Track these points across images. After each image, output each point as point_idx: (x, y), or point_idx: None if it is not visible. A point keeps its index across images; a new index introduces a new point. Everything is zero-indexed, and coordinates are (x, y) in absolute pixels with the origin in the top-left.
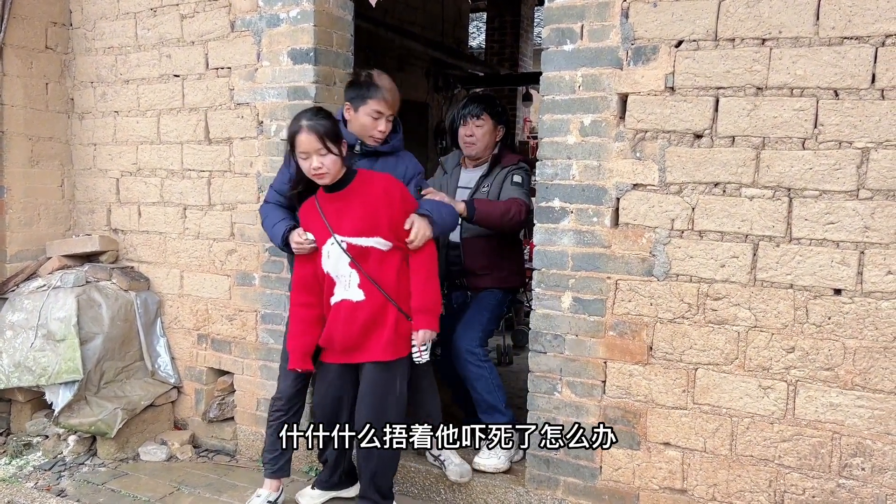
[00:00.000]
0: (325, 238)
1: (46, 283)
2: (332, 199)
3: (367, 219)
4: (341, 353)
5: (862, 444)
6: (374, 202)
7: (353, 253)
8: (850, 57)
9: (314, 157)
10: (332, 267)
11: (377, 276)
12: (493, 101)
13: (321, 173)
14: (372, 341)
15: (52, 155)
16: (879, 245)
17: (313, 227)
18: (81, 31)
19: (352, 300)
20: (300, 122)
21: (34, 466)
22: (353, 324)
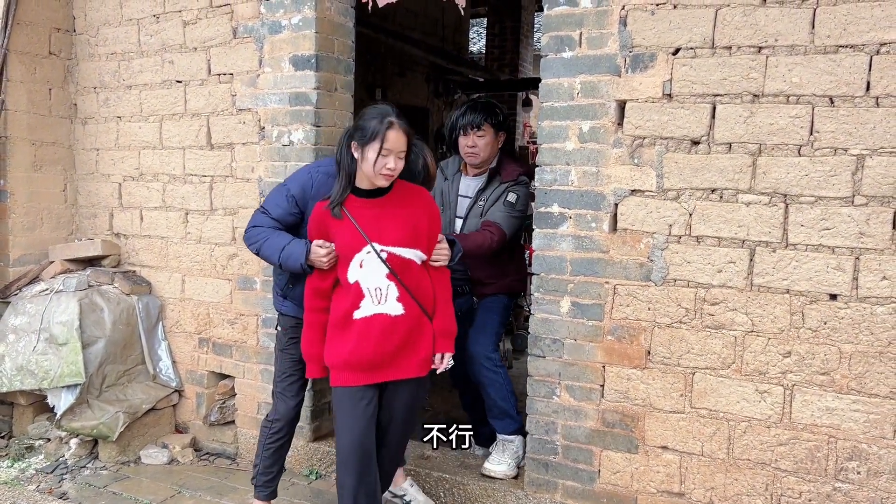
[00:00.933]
0: (359, 247)
1: (49, 287)
2: (368, 206)
3: (410, 229)
4: (367, 372)
5: (857, 448)
6: (418, 213)
7: (393, 264)
8: (845, 65)
9: (394, 158)
10: (365, 278)
11: (416, 290)
12: (493, 110)
13: (390, 175)
14: (408, 358)
15: (55, 160)
16: (874, 251)
17: (339, 236)
18: (85, 36)
19: (389, 314)
20: (391, 118)
21: (36, 469)
22: (391, 340)
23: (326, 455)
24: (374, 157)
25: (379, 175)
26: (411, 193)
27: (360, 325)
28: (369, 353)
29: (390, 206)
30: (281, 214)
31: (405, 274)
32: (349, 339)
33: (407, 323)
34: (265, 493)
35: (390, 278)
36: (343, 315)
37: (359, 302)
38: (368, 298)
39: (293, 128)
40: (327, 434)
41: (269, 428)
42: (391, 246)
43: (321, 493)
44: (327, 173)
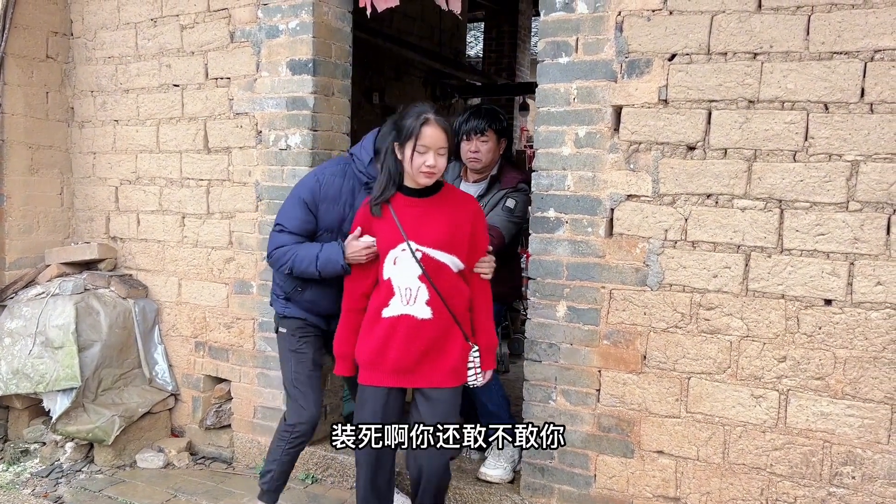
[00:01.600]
0: (395, 243)
1: (45, 291)
2: (413, 205)
3: (450, 234)
4: (392, 374)
5: (852, 453)
6: (461, 220)
7: (426, 265)
8: (839, 71)
9: (432, 154)
10: (397, 275)
11: (448, 296)
12: (496, 116)
13: (431, 172)
14: (433, 365)
15: (52, 163)
16: (869, 256)
17: (379, 231)
18: (82, 40)
19: (416, 317)
20: (427, 115)
21: (31, 473)
22: (415, 344)
23: (322, 459)
24: (411, 154)
25: (419, 173)
26: (459, 199)
27: (387, 325)
28: (394, 355)
29: (434, 207)
30: (298, 226)
31: (438, 277)
32: (375, 337)
33: (434, 328)
34: (274, 497)
35: (422, 279)
36: (374, 312)
37: (388, 300)
38: (398, 297)
39: (290, 132)
40: (323, 438)
41: (291, 433)
42: (427, 247)
43: (317, 497)
44: (333, 173)
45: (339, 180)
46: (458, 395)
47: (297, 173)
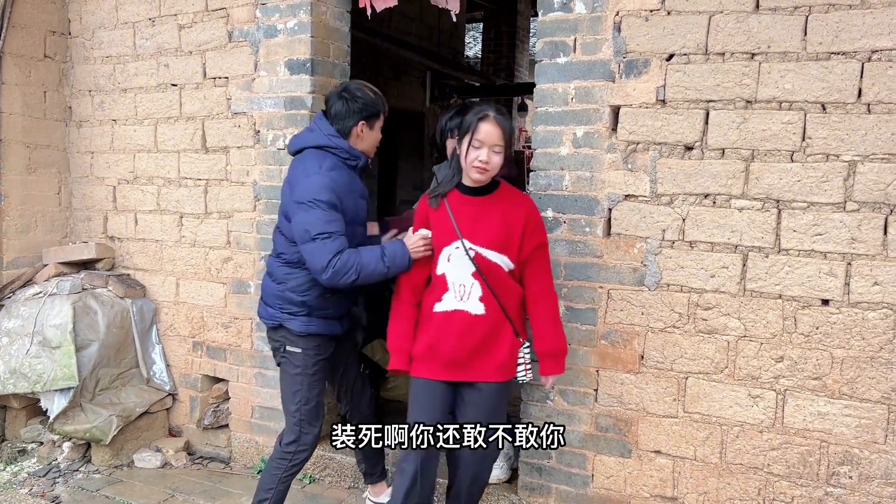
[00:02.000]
0: (450, 240)
1: (42, 290)
2: (468, 203)
3: (503, 234)
4: (445, 367)
5: (849, 453)
6: (515, 220)
7: (479, 264)
8: (837, 72)
9: (487, 150)
10: (451, 272)
11: (500, 293)
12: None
13: (484, 168)
14: (484, 360)
15: (50, 162)
16: (866, 256)
17: (435, 226)
18: (80, 39)
19: (469, 312)
20: (486, 112)
21: (29, 473)
22: (468, 338)
23: (320, 459)
24: (466, 148)
25: (472, 168)
26: (515, 199)
27: (440, 319)
28: (447, 348)
29: (489, 206)
30: (341, 227)
31: (490, 275)
32: (429, 331)
33: (487, 324)
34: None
35: (476, 277)
36: (427, 307)
37: (441, 295)
38: (452, 293)
39: (288, 132)
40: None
41: (291, 460)
42: (480, 246)
43: (315, 496)
44: (331, 168)
45: (340, 172)
46: (507, 391)
47: None
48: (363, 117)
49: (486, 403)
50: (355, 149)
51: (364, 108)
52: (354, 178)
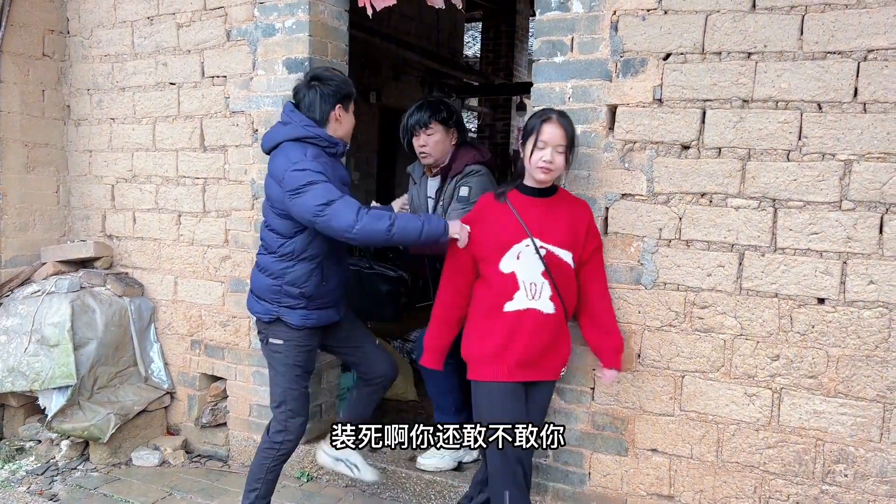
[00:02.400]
0: (518, 239)
1: (41, 289)
2: (532, 204)
3: (570, 234)
4: (516, 368)
5: (845, 451)
6: (579, 222)
7: (549, 262)
8: (833, 71)
9: (550, 151)
10: (521, 270)
11: (564, 292)
12: (438, 107)
13: (548, 169)
14: (552, 359)
15: (48, 161)
16: (861, 255)
17: (501, 226)
18: (78, 38)
19: (542, 311)
20: (551, 114)
21: (27, 471)
22: (540, 337)
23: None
24: (531, 149)
25: (536, 168)
26: (575, 202)
27: (512, 318)
28: (521, 349)
29: (556, 207)
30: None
31: (558, 274)
32: (498, 332)
33: (555, 323)
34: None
35: (545, 276)
36: (491, 306)
37: (512, 293)
38: (523, 292)
39: None
40: (319, 436)
41: (278, 449)
42: (551, 244)
43: (312, 495)
44: (315, 156)
45: (323, 161)
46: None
47: None
48: (338, 100)
49: (546, 402)
50: (333, 136)
51: (338, 91)
52: (337, 165)
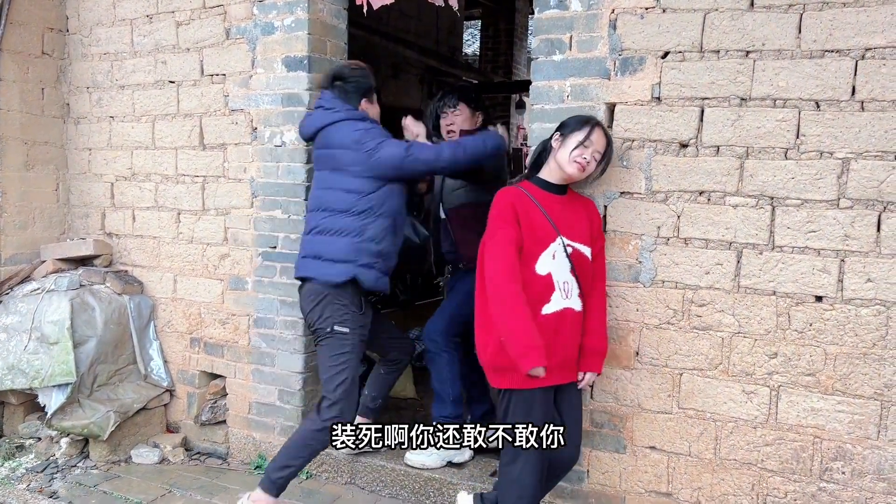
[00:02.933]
0: (551, 238)
1: (40, 287)
2: (554, 201)
3: (588, 230)
4: (560, 370)
5: (842, 449)
6: (593, 219)
7: (574, 259)
8: (830, 69)
9: (590, 153)
10: (556, 270)
11: (586, 289)
12: (467, 90)
13: (583, 167)
14: (579, 356)
15: (48, 159)
16: (859, 253)
17: (533, 224)
18: (78, 36)
19: (574, 309)
20: (596, 121)
21: (27, 468)
22: (577, 336)
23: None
24: (575, 145)
25: (573, 162)
26: (586, 201)
27: (552, 321)
28: (562, 350)
29: (572, 203)
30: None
31: (582, 271)
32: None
33: (582, 320)
34: (277, 492)
35: (572, 274)
36: (532, 310)
37: (549, 295)
38: (558, 292)
39: (285, 128)
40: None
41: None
42: (576, 241)
43: (312, 493)
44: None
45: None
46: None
47: (292, 170)
48: (362, 95)
49: (579, 403)
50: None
51: (359, 87)
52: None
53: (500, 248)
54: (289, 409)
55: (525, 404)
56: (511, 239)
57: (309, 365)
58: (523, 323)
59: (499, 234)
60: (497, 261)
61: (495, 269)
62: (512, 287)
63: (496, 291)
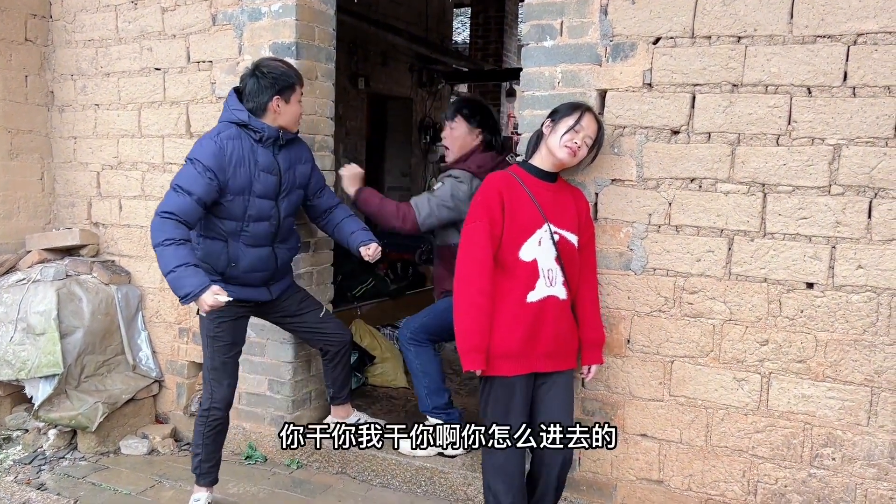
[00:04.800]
0: (538, 224)
1: (26, 277)
2: (544, 188)
3: (576, 218)
4: (543, 358)
5: (833, 435)
6: (581, 208)
7: (560, 247)
8: (822, 55)
9: (580, 138)
10: (542, 257)
11: (571, 277)
12: (467, 104)
13: (574, 152)
14: (569, 346)
15: (32, 148)
16: (850, 240)
17: (519, 210)
18: (61, 23)
19: (558, 297)
20: (587, 106)
21: (14, 460)
22: (561, 324)
23: (308, 445)
24: (565, 130)
25: (563, 147)
26: (574, 189)
27: (535, 308)
28: (547, 338)
29: (562, 191)
30: (204, 191)
31: (568, 259)
32: (523, 324)
33: (569, 309)
34: (209, 480)
35: (557, 262)
36: (513, 297)
37: (533, 282)
38: (543, 279)
39: None
40: (308, 423)
41: (207, 417)
42: (563, 229)
43: (302, 482)
44: (230, 137)
45: (238, 142)
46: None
47: None
48: (276, 92)
49: (571, 392)
50: (263, 123)
51: (276, 82)
52: (254, 149)
53: (473, 241)
54: (279, 399)
55: (505, 392)
56: (485, 232)
57: (299, 354)
58: (472, 324)
59: (475, 225)
60: (466, 254)
61: (462, 262)
62: (474, 285)
63: (458, 284)
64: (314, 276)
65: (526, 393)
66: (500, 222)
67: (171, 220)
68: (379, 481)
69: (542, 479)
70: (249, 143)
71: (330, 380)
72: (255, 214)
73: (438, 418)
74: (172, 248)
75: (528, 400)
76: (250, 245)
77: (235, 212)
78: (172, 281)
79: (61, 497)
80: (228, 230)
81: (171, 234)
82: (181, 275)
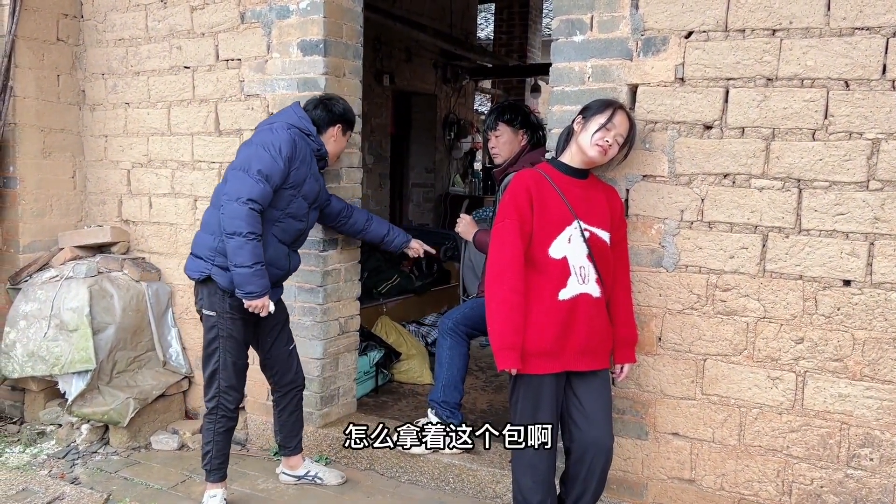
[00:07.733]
0: (567, 221)
1: (59, 274)
2: (574, 185)
3: (608, 215)
4: (577, 356)
5: (870, 435)
6: (614, 205)
7: (592, 244)
8: (860, 48)
9: (612, 136)
10: (572, 254)
11: (605, 275)
12: (506, 109)
13: (605, 150)
14: (604, 345)
15: (64, 146)
16: (889, 236)
17: (549, 207)
18: (92, 22)
19: (591, 295)
20: (619, 103)
21: (48, 454)
22: (595, 322)
23: (336, 441)
24: (596, 128)
25: (594, 145)
26: (608, 187)
27: (567, 306)
28: (579, 336)
29: (593, 188)
30: (279, 178)
31: (600, 256)
32: (555, 322)
33: (603, 307)
34: (219, 476)
35: (589, 259)
36: (544, 295)
37: (565, 280)
38: (574, 277)
39: None
40: (336, 421)
41: (226, 412)
42: (594, 226)
43: None
44: (298, 135)
45: (304, 143)
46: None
47: None
48: (341, 122)
49: (609, 390)
50: (321, 139)
51: (343, 115)
52: (312, 157)
53: (503, 239)
54: (308, 396)
55: (535, 390)
56: (515, 230)
57: (328, 351)
58: (505, 322)
59: (505, 223)
60: (497, 252)
61: (494, 260)
62: (507, 283)
63: (490, 283)
64: (342, 272)
65: (556, 392)
66: (529, 220)
67: (256, 212)
68: (407, 478)
69: (581, 478)
70: (309, 149)
71: (278, 425)
72: (294, 212)
73: (441, 415)
74: (255, 243)
75: (558, 399)
76: (278, 239)
77: (280, 202)
78: (245, 275)
79: (94, 491)
80: (267, 217)
81: (255, 228)
82: (257, 273)
